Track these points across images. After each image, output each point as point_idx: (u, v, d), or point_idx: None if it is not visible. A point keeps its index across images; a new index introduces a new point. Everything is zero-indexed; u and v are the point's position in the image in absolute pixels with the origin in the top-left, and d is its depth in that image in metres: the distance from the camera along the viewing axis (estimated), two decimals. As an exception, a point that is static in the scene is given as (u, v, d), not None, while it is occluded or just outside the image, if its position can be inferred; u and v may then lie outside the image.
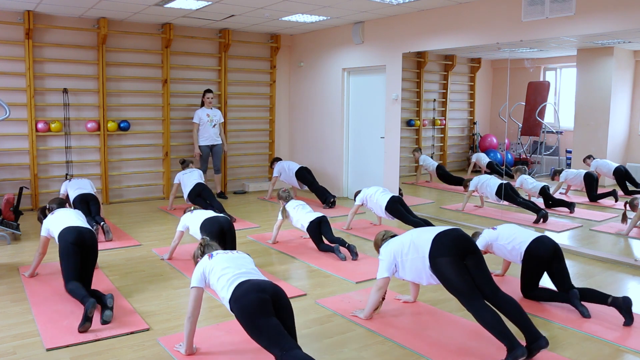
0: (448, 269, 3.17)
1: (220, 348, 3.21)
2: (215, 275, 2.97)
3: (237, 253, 3.21)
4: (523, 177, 6.71)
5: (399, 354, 3.19)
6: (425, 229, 3.49)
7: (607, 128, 6.39)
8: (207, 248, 3.31)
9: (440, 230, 3.33)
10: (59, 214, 4.18)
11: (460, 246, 3.22)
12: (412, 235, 3.47)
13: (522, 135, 7.54)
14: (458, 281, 3.14)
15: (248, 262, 3.12)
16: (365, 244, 5.69)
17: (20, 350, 3.18)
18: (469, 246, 3.24)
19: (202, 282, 3.05)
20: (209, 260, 3.08)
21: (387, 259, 3.53)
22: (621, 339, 3.36)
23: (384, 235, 3.71)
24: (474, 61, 8.01)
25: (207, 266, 3.05)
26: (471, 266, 3.17)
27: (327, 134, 8.57)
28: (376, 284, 3.57)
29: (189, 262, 4.92)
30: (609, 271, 4.78)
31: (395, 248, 3.49)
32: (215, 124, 8.00)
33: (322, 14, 7.08)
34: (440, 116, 8.08)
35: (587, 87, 6.67)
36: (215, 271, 2.98)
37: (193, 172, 6.98)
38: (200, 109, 7.98)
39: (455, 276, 3.15)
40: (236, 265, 3.00)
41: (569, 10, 5.25)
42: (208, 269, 3.04)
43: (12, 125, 7.03)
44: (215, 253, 3.16)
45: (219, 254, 3.15)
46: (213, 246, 3.34)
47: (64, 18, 7.21)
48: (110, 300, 3.51)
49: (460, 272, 3.15)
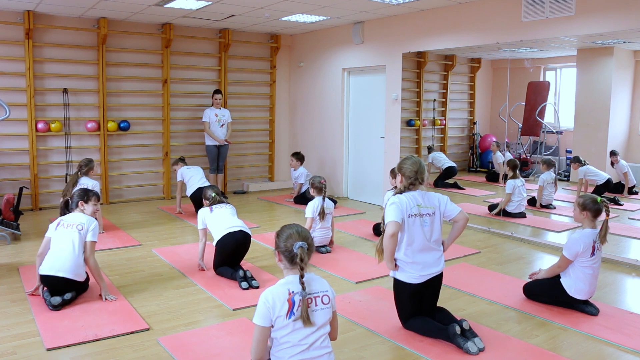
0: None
1: (220, 348, 3.21)
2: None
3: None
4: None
5: (399, 354, 3.19)
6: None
7: (607, 128, 6.39)
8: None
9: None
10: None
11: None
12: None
13: (522, 135, 7.54)
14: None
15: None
16: (365, 244, 5.69)
17: (20, 350, 3.18)
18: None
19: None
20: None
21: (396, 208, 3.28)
22: (621, 339, 3.36)
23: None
24: (474, 61, 8.01)
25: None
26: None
27: (327, 134, 8.57)
28: (386, 232, 3.29)
29: (189, 262, 4.93)
30: (609, 271, 4.78)
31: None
32: (224, 124, 7.93)
33: (322, 14, 7.08)
34: (440, 116, 8.08)
35: (587, 87, 6.67)
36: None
37: (196, 168, 6.89)
38: (209, 109, 7.91)
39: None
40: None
41: (569, 10, 5.25)
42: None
43: (12, 125, 7.03)
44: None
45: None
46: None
47: (64, 18, 7.21)
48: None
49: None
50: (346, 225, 6.51)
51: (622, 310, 3.85)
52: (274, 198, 8.32)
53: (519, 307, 3.88)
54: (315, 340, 2.42)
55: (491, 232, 6.12)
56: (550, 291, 3.85)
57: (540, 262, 5.03)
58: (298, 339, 2.38)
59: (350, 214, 7.21)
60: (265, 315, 2.36)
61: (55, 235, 3.90)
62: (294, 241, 2.42)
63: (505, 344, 3.28)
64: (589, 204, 3.73)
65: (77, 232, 3.88)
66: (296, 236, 2.44)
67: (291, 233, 2.45)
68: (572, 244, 3.72)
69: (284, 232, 2.48)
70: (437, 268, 3.37)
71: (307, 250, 2.42)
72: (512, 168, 6.57)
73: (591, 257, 3.69)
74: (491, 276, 4.61)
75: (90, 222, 3.96)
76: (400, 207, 3.27)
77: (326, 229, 5.29)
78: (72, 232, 3.87)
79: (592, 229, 3.74)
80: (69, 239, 3.85)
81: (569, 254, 3.72)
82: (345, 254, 5.25)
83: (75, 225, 3.92)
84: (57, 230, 3.91)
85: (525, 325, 3.60)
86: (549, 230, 6.06)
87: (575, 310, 3.77)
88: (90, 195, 4.11)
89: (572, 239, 3.74)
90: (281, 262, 2.49)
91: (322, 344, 2.45)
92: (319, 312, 2.43)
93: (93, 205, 4.12)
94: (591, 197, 3.78)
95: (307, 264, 2.43)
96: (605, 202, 3.72)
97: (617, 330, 3.49)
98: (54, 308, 3.71)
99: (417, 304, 3.42)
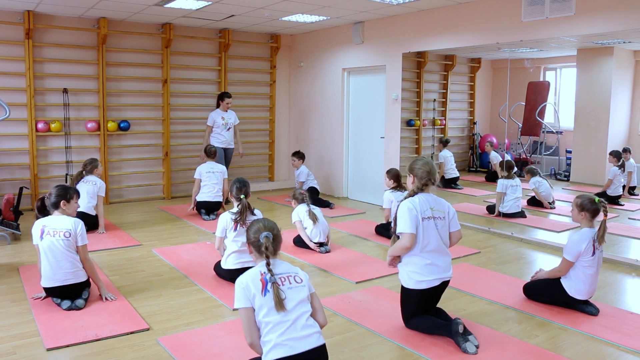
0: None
1: (220, 348, 3.21)
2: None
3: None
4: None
5: (399, 354, 3.19)
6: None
7: (607, 128, 6.39)
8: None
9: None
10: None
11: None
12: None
13: (522, 135, 7.54)
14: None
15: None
16: (365, 244, 5.69)
17: (20, 350, 3.18)
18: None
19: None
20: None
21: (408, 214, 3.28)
22: (621, 339, 3.36)
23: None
24: (474, 61, 8.01)
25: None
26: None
27: (327, 134, 8.57)
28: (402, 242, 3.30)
29: (189, 262, 4.92)
30: (609, 271, 4.78)
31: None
32: (230, 127, 7.68)
33: (322, 14, 7.08)
34: (440, 116, 8.08)
35: (587, 87, 6.67)
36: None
37: (215, 173, 6.76)
38: (215, 112, 7.63)
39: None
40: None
41: (569, 10, 5.25)
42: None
43: (12, 125, 7.03)
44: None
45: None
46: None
47: (64, 18, 7.21)
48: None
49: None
50: (346, 225, 6.51)
51: (622, 310, 3.85)
52: (274, 198, 8.32)
53: (519, 307, 3.88)
54: (297, 317, 2.50)
55: (491, 232, 6.12)
56: (550, 291, 3.85)
57: (540, 262, 5.03)
58: (280, 316, 2.47)
59: (350, 214, 7.21)
60: (242, 295, 2.50)
61: (43, 245, 3.70)
62: (260, 232, 2.63)
63: (505, 344, 3.28)
64: (587, 204, 3.75)
65: (65, 240, 3.69)
66: (262, 228, 2.65)
67: (259, 226, 2.67)
68: (572, 245, 3.72)
69: (253, 226, 2.70)
70: (449, 273, 3.41)
71: (272, 240, 2.62)
72: (507, 169, 6.61)
73: (592, 256, 3.69)
74: (491, 276, 4.61)
75: (77, 226, 3.75)
76: (415, 213, 3.28)
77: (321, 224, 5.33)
78: (60, 241, 3.69)
79: (590, 228, 3.75)
80: (61, 248, 3.69)
81: (571, 256, 3.71)
82: (345, 254, 5.25)
83: (62, 232, 3.70)
84: (43, 240, 3.70)
85: (525, 325, 3.60)
86: (549, 230, 6.06)
87: (575, 310, 3.77)
88: (72, 193, 3.85)
89: (572, 241, 3.74)
90: (252, 253, 2.70)
91: (307, 322, 2.52)
92: (293, 289, 2.56)
93: (75, 204, 3.89)
94: (589, 198, 3.79)
95: (272, 253, 2.61)
96: (603, 202, 3.74)
97: (617, 330, 3.49)
98: (68, 308, 3.71)
99: (423, 307, 3.44)
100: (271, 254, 2.59)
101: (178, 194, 8.28)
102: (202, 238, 5.86)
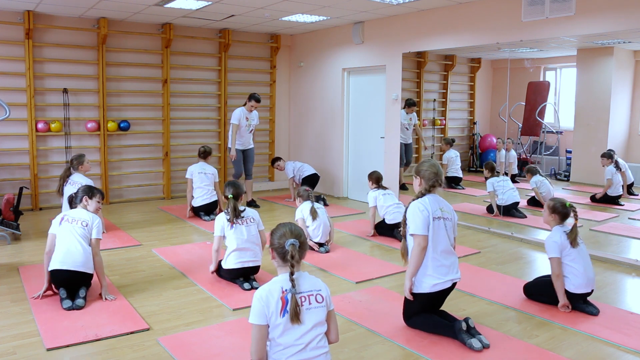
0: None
1: (220, 348, 3.21)
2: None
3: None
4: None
5: (399, 354, 3.19)
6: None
7: (607, 128, 6.39)
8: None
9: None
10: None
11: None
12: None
13: (522, 135, 7.54)
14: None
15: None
16: (365, 243, 5.69)
17: (20, 350, 3.18)
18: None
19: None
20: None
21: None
22: (621, 339, 3.36)
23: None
24: (474, 61, 8.01)
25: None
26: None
27: (327, 134, 8.57)
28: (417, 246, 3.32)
29: (189, 262, 4.93)
30: (609, 271, 4.78)
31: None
32: (252, 129, 7.48)
33: (322, 14, 7.08)
34: (440, 116, 8.08)
35: (587, 87, 6.67)
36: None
37: (207, 175, 6.71)
38: (241, 109, 7.29)
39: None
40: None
41: (569, 10, 5.25)
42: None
43: (12, 125, 7.03)
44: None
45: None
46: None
47: (64, 18, 7.21)
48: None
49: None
50: (346, 225, 6.51)
51: (622, 310, 3.85)
52: (274, 198, 8.33)
53: (519, 307, 3.88)
54: (311, 340, 2.41)
55: (491, 232, 6.12)
56: (550, 291, 3.85)
57: (540, 262, 5.03)
58: (293, 339, 2.38)
59: (350, 214, 7.21)
60: (260, 312, 2.36)
61: (60, 230, 3.90)
62: (287, 239, 2.45)
63: (506, 344, 3.28)
64: (558, 207, 3.89)
65: (82, 228, 3.91)
66: (289, 234, 2.47)
67: (285, 231, 2.49)
68: (549, 244, 3.82)
69: (279, 230, 2.53)
70: (458, 275, 3.42)
71: (298, 248, 2.45)
72: (489, 170, 6.71)
73: (572, 249, 3.76)
74: (491, 276, 4.61)
75: (94, 220, 3.98)
76: (427, 214, 3.29)
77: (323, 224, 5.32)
78: (78, 228, 3.90)
79: (559, 225, 3.88)
80: (76, 234, 3.87)
81: (552, 252, 3.78)
82: (345, 254, 5.25)
83: (79, 221, 3.94)
84: (61, 225, 3.92)
85: (525, 325, 3.60)
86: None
87: (575, 310, 3.77)
88: (95, 192, 4.15)
89: (547, 241, 3.85)
90: (275, 259, 2.52)
91: (319, 344, 2.44)
92: (312, 310, 2.43)
93: (97, 202, 4.13)
94: (561, 201, 3.91)
95: (298, 261, 2.45)
96: (573, 207, 3.86)
97: (617, 330, 3.49)
98: (69, 308, 3.73)
99: (428, 309, 3.45)
100: (297, 262, 2.44)
101: (178, 194, 8.28)
102: (201, 238, 5.86)
